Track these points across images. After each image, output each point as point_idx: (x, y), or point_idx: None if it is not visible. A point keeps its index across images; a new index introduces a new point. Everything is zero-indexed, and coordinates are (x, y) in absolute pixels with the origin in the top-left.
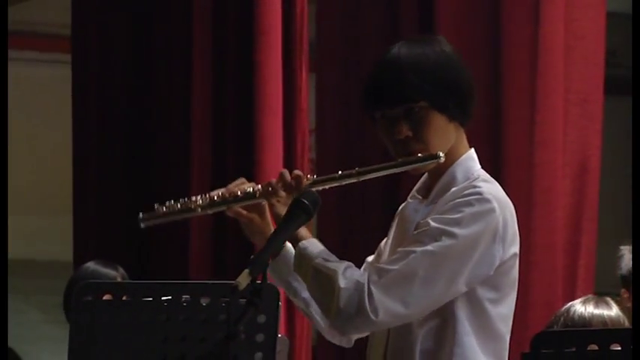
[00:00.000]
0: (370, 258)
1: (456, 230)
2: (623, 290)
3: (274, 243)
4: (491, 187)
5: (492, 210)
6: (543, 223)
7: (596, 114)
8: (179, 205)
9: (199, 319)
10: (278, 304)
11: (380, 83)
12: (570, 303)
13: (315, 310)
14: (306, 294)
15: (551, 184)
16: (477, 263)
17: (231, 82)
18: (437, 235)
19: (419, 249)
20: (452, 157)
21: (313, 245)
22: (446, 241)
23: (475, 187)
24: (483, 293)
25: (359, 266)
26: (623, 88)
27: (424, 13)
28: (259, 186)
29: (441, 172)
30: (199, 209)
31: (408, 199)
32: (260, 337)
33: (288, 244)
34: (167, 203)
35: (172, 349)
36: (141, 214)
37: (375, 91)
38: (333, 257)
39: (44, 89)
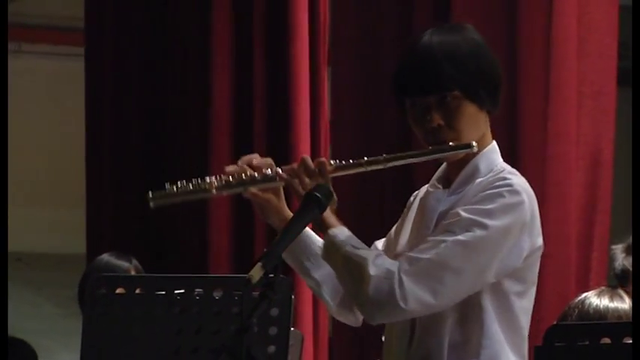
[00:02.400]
0: (379, 243)
1: (487, 221)
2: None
3: (287, 236)
4: (520, 180)
5: (522, 202)
6: (556, 215)
7: (609, 106)
8: (191, 186)
9: (212, 311)
10: (291, 297)
11: (413, 71)
12: (584, 295)
13: (325, 290)
14: (317, 274)
15: (565, 177)
16: (507, 255)
17: (258, 73)
18: (468, 225)
19: (450, 238)
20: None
21: (342, 233)
22: (477, 232)
23: (505, 178)
24: (510, 286)
25: None
26: None
27: (439, 7)
28: (277, 169)
29: (464, 162)
30: (214, 190)
31: (428, 189)
32: (273, 330)
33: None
34: (179, 183)
35: (186, 342)
36: (150, 193)
37: (408, 78)
38: (363, 245)
39: (58, 82)
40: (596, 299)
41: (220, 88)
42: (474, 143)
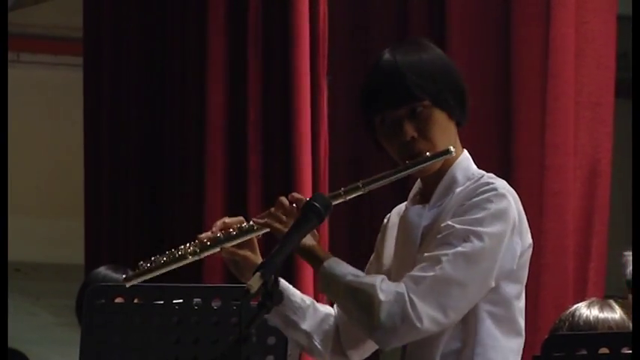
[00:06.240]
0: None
1: (481, 229)
2: (630, 296)
3: (286, 247)
4: (502, 182)
5: (509, 204)
6: (554, 226)
7: (607, 117)
8: (164, 258)
9: (211, 321)
10: None
11: (381, 86)
12: (575, 306)
13: (317, 340)
14: (306, 325)
15: (562, 188)
16: (502, 259)
17: (253, 85)
18: (464, 235)
19: (450, 251)
20: (450, 159)
21: (338, 263)
22: (475, 242)
23: (488, 183)
24: (509, 289)
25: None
26: None
27: (435, 17)
28: (253, 219)
29: (440, 174)
30: (190, 256)
31: (406, 205)
32: (271, 340)
33: (281, 281)
34: (152, 258)
35: (184, 352)
36: (123, 276)
37: (376, 94)
38: (362, 273)
39: (57, 92)
40: (586, 310)
41: (215, 100)
42: (452, 148)
